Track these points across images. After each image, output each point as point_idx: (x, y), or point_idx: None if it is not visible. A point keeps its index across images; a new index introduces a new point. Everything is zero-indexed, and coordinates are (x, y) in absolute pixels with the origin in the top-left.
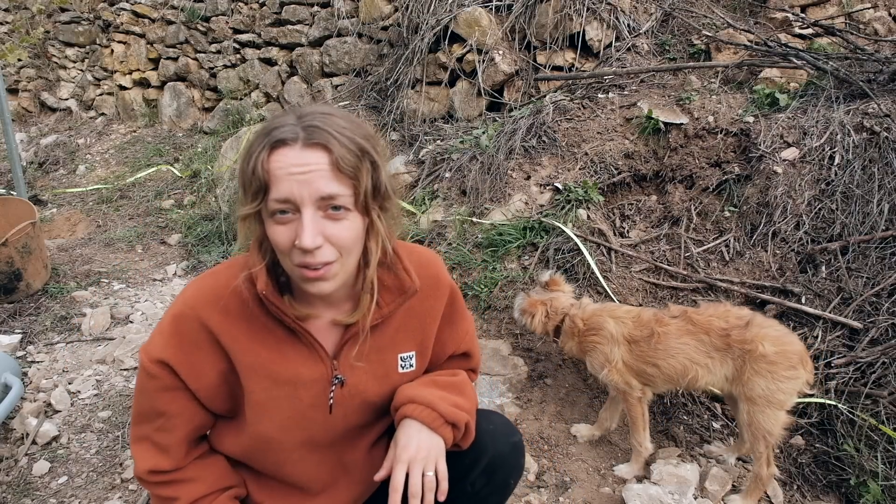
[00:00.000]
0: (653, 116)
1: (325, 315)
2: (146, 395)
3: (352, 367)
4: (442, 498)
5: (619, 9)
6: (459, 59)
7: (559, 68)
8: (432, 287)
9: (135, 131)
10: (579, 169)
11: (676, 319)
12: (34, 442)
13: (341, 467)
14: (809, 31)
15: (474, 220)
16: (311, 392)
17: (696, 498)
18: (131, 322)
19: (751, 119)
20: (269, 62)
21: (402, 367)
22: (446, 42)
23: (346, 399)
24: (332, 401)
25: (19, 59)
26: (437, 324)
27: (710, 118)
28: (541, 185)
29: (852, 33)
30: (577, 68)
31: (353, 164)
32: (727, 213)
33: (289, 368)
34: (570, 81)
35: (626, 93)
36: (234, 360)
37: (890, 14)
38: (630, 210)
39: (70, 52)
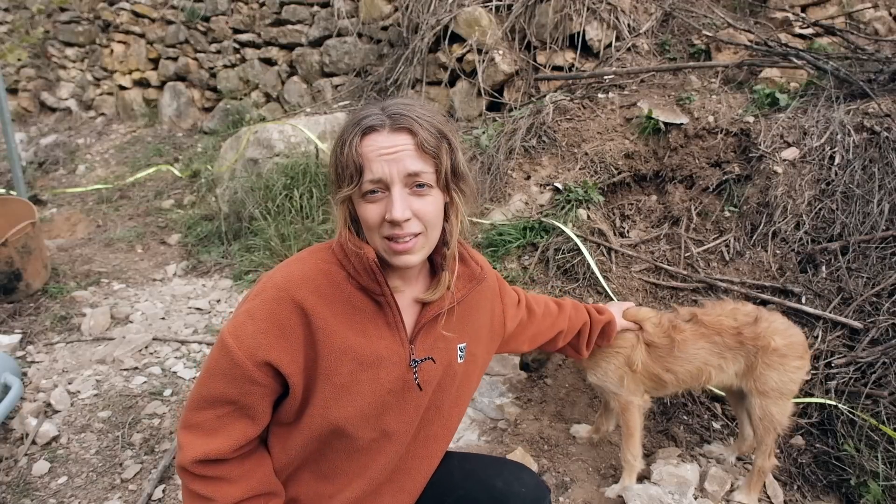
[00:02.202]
0: (653, 116)
1: (404, 290)
2: (223, 381)
3: (426, 352)
4: None
5: (619, 9)
6: (459, 59)
7: (559, 68)
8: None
9: (135, 131)
10: (579, 169)
11: (689, 324)
12: (34, 442)
13: (403, 470)
14: (810, 30)
15: (474, 220)
16: (391, 375)
17: (696, 498)
18: (131, 322)
19: (751, 119)
20: (269, 62)
21: (460, 358)
22: (446, 42)
23: (425, 384)
24: (417, 380)
25: (19, 59)
26: (486, 318)
27: (710, 118)
28: (541, 185)
29: (852, 33)
30: (577, 68)
31: (434, 144)
32: (727, 213)
33: (372, 349)
34: (570, 81)
35: (626, 93)
36: (320, 343)
37: (890, 14)
38: (630, 210)
39: (70, 51)
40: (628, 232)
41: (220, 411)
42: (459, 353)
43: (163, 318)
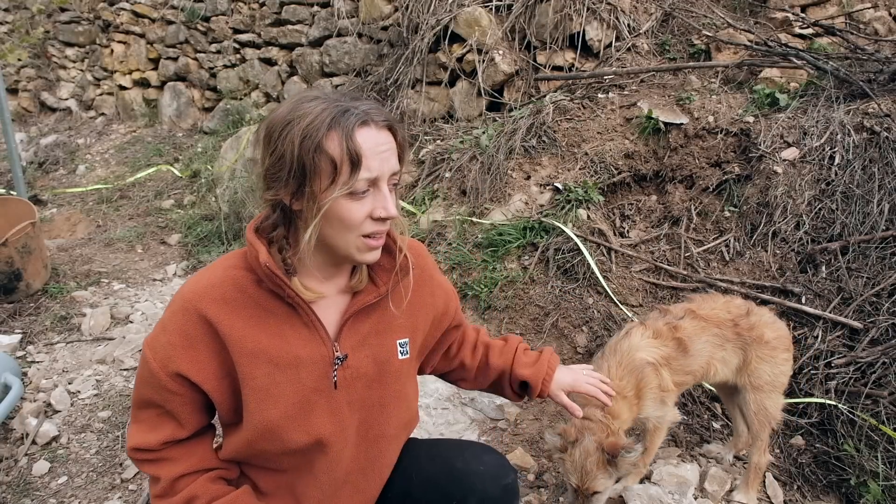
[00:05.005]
0: (653, 116)
1: (330, 291)
2: (148, 388)
3: (353, 349)
4: None
5: (619, 9)
6: (459, 59)
7: (559, 68)
8: (418, 275)
9: (135, 131)
10: (579, 169)
11: (685, 320)
12: (34, 442)
13: (357, 471)
14: (809, 30)
15: (474, 220)
16: (313, 374)
17: (696, 498)
18: (131, 322)
19: (751, 119)
20: (269, 62)
21: (402, 354)
22: (446, 42)
23: (350, 381)
24: (335, 378)
25: (19, 59)
26: (426, 312)
27: (710, 118)
28: (541, 185)
29: (852, 33)
30: (577, 68)
31: (405, 144)
32: (727, 213)
33: (289, 351)
34: (570, 81)
35: (626, 93)
36: (232, 349)
37: (890, 14)
38: (630, 210)
39: (70, 52)
40: (628, 232)
41: (157, 411)
42: (401, 349)
43: None
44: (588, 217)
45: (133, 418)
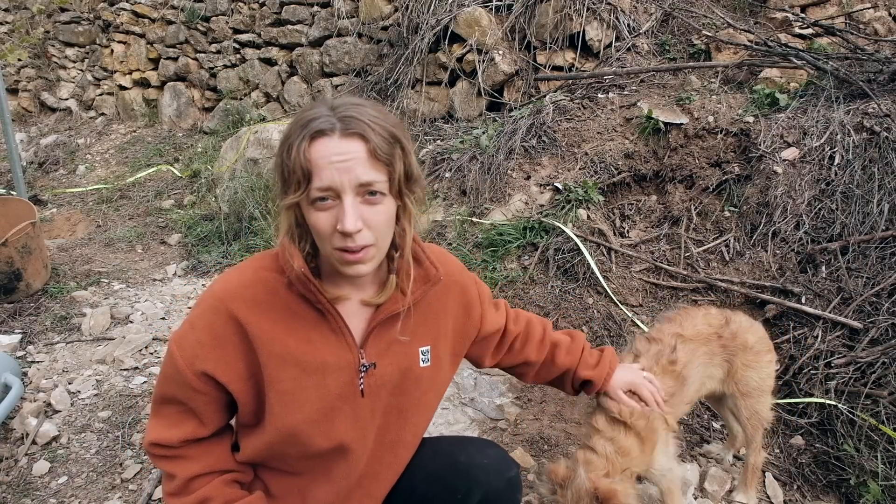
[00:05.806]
0: (653, 116)
1: (353, 297)
2: (172, 384)
3: (378, 356)
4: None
5: (619, 9)
6: (459, 59)
7: (559, 68)
8: (442, 283)
9: (135, 131)
10: (579, 169)
11: (677, 350)
12: (34, 442)
13: (370, 475)
14: (809, 31)
15: (474, 220)
16: (339, 381)
17: (696, 498)
18: (131, 322)
19: (751, 119)
20: (269, 62)
21: (423, 362)
22: (446, 42)
23: (375, 389)
24: (362, 385)
25: (19, 59)
26: (447, 319)
27: (710, 118)
28: (541, 185)
29: (852, 33)
30: (577, 68)
31: (387, 151)
32: (727, 213)
33: (316, 356)
34: (570, 81)
35: (626, 93)
36: (259, 351)
37: (890, 14)
38: (630, 210)
39: (70, 52)
40: (628, 232)
41: (179, 408)
42: (422, 356)
43: (163, 318)
44: (588, 217)
45: (153, 413)
